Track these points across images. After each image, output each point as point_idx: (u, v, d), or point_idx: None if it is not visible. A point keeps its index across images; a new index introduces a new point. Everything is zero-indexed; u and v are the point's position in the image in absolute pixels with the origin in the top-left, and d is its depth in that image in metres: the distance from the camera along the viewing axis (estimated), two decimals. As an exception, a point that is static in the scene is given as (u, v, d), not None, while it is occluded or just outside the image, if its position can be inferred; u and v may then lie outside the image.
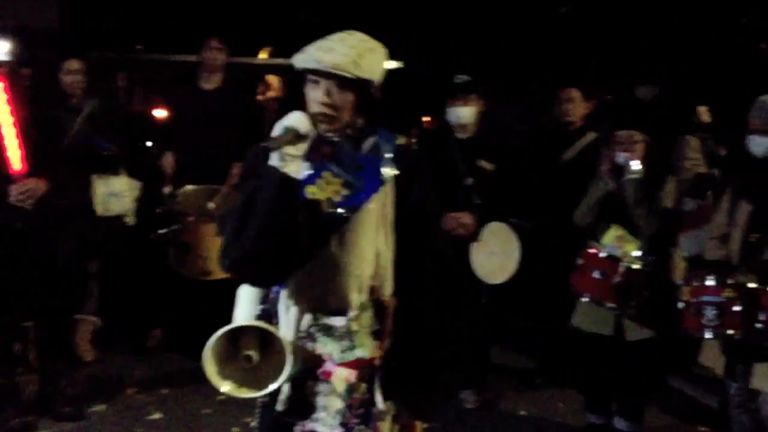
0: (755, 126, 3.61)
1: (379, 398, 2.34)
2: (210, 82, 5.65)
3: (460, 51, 7.60)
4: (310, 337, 2.32)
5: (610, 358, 4.22)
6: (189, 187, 5.23)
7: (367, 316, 2.34)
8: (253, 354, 2.23)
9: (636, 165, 4.05)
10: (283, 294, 2.34)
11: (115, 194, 5.27)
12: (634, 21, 6.52)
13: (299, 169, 2.20)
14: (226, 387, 2.23)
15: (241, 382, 2.25)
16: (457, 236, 4.67)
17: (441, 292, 2.43)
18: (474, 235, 4.69)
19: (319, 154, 2.30)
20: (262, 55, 8.00)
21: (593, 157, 4.84)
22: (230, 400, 4.60)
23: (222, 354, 2.23)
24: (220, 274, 4.79)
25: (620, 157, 4.17)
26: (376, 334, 2.35)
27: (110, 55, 7.94)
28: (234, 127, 5.46)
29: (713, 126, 5.57)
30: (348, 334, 2.32)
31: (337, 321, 2.32)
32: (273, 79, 6.66)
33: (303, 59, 2.26)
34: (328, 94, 2.24)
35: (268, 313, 2.38)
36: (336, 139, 2.32)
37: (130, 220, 5.21)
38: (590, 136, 5.09)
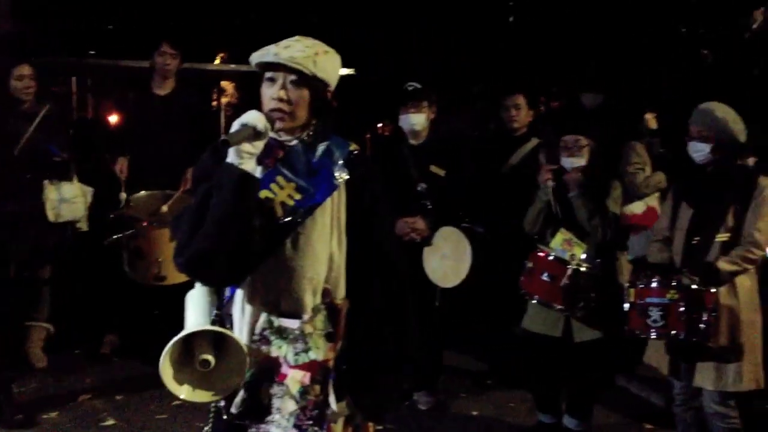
0: (694, 133, 3.72)
1: (332, 400, 2.37)
2: (162, 88, 5.63)
3: (412, 58, 7.67)
4: (265, 339, 2.34)
5: (559, 358, 4.33)
6: (142, 193, 5.20)
7: (321, 319, 2.37)
8: (210, 358, 2.23)
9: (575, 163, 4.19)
10: (238, 297, 2.36)
11: (67, 200, 5.22)
12: (580, 29, 6.67)
13: (255, 168, 2.23)
14: (182, 392, 2.23)
15: (197, 387, 2.25)
16: (409, 241, 4.73)
17: (391, 295, 2.48)
18: (426, 240, 4.75)
19: (272, 158, 2.34)
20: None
21: (537, 162, 4.98)
22: (185, 405, 4.64)
23: (178, 359, 2.23)
24: (174, 279, 4.79)
25: (566, 162, 4.29)
26: (330, 337, 2.38)
27: (62, 60, 7.83)
28: (187, 132, 5.44)
29: (660, 132, 5.70)
30: (302, 336, 2.34)
31: (291, 323, 2.34)
32: (228, 85, 6.67)
33: (260, 55, 2.30)
34: (284, 88, 2.28)
35: (221, 318, 2.39)
36: (291, 143, 2.36)
37: (83, 226, 5.17)
38: (534, 142, 5.22)
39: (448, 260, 4.70)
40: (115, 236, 4.92)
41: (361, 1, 8.09)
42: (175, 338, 2.19)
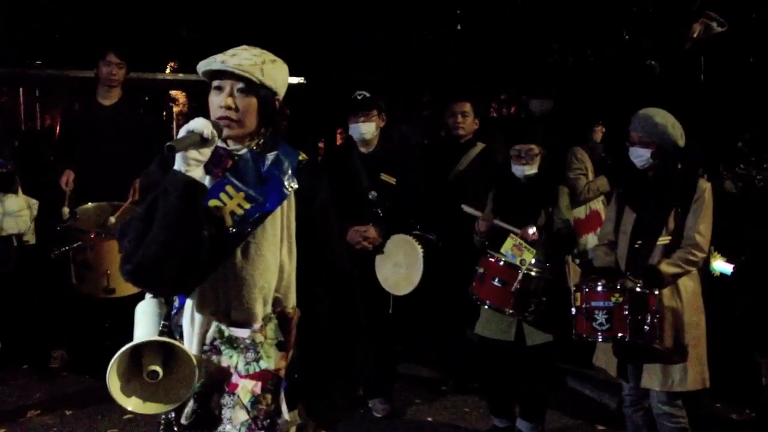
0: (635, 139, 3.79)
1: (284, 408, 2.37)
2: (108, 98, 5.56)
3: (361, 66, 7.69)
4: (215, 349, 2.34)
5: (512, 362, 4.37)
6: (89, 204, 5.13)
7: (272, 328, 2.37)
8: (158, 369, 2.21)
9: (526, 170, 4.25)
10: (187, 307, 2.34)
11: (12, 213, 5.11)
12: (529, 37, 6.75)
13: (203, 176, 2.22)
14: (130, 404, 2.20)
15: (146, 399, 2.23)
16: (361, 249, 4.73)
17: (342, 303, 2.49)
18: (378, 248, 4.76)
19: (221, 168, 2.33)
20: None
21: (483, 167, 5.03)
22: (136, 418, 4.59)
23: (126, 371, 2.21)
24: (124, 291, 4.73)
25: (517, 170, 4.34)
26: (281, 346, 2.38)
27: (8, 70, 7.69)
28: (134, 143, 5.40)
29: (605, 138, 5.80)
30: (253, 345, 2.34)
31: (242, 333, 2.33)
32: (179, 95, 6.62)
33: (207, 63, 2.30)
34: (232, 96, 2.28)
35: (170, 328, 2.38)
36: (240, 152, 2.36)
37: (29, 239, 5.07)
38: (479, 147, 5.28)
39: (400, 268, 4.71)
40: (62, 249, 4.85)
41: (309, 10, 8.09)
42: (122, 350, 2.17)
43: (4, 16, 9.18)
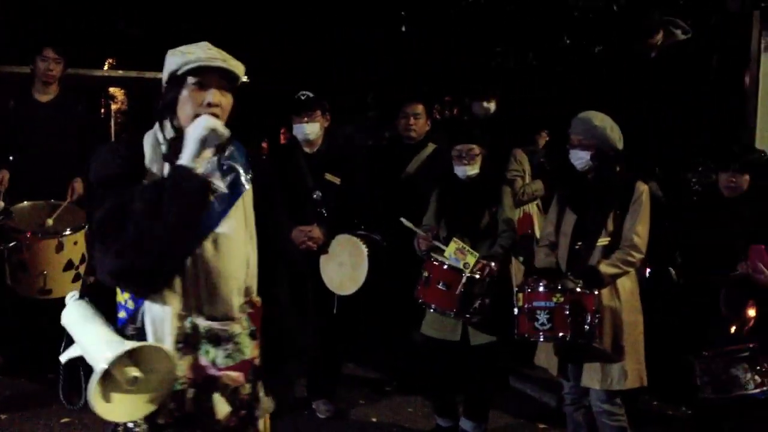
0: (575, 141, 3.85)
1: (261, 395, 2.43)
2: (45, 94, 5.43)
3: (305, 66, 7.67)
4: (188, 347, 2.31)
5: (457, 362, 4.40)
6: (25, 203, 4.99)
7: (245, 318, 2.40)
8: (138, 374, 2.15)
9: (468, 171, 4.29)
10: (151, 307, 2.27)
11: (-57, 212, 4.96)
12: (473, 39, 6.82)
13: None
14: (123, 416, 2.18)
15: (128, 405, 2.17)
16: (306, 249, 4.71)
17: (294, 289, 2.59)
18: (323, 248, 4.75)
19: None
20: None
21: (434, 168, 5.06)
22: (73, 422, 4.50)
23: (101, 384, 2.12)
24: (60, 292, 4.61)
25: (459, 170, 4.37)
26: (253, 334, 2.42)
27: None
28: (72, 140, 5.28)
29: (547, 144, 5.87)
30: (231, 337, 2.36)
31: (222, 326, 2.35)
32: (116, 92, 6.49)
33: (193, 60, 2.25)
34: (217, 95, 2.28)
35: (141, 331, 2.30)
36: None
37: (-39, 238, 4.92)
38: (430, 148, 5.30)
39: (345, 268, 4.70)
40: (-3, 248, 4.72)
41: (252, 7, 8.03)
42: (102, 366, 2.07)
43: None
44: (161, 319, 2.28)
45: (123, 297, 2.31)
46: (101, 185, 2.25)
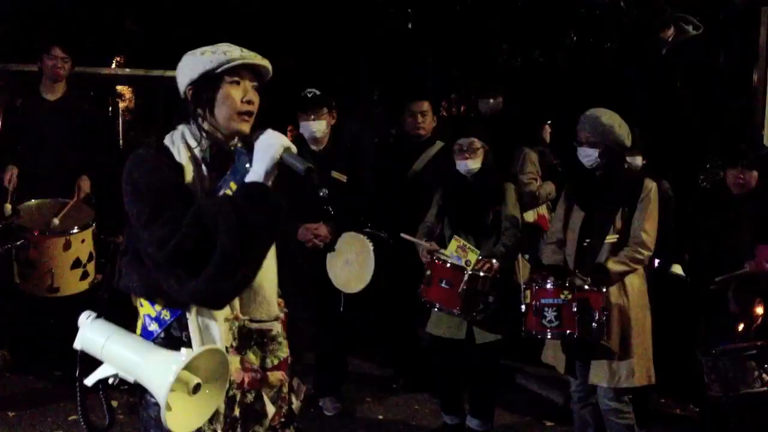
0: (583, 138, 3.84)
1: (296, 390, 2.52)
2: (53, 92, 5.43)
3: (310, 64, 7.67)
4: (237, 349, 2.31)
5: (462, 360, 4.40)
6: (32, 201, 5.01)
7: (281, 319, 2.44)
8: (199, 381, 2.10)
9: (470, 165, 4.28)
10: (197, 314, 2.23)
11: (-49, 210, 4.98)
12: (480, 37, 6.81)
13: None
14: (193, 424, 2.13)
15: (191, 414, 2.13)
16: (313, 247, 4.71)
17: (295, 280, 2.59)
18: (329, 246, 4.74)
19: (227, 165, 2.33)
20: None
21: (442, 166, 5.06)
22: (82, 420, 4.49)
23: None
24: (67, 290, 4.64)
25: (461, 165, 4.36)
26: (284, 335, 2.47)
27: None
28: (79, 139, 5.29)
29: (553, 140, 5.85)
30: (276, 336, 2.41)
31: (270, 326, 2.39)
32: (124, 90, 6.49)
33: (235, 58, 2.27)
34: (252, 92, 2.31)
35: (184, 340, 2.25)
36: (232, 148, 2.36)
37: (-32, 236, 4.93)
38: (438, 146, 5.30)
39: (351, 266, 4.70)
40: (4, 247, 4.73)
41: (258, 6, 8.03)
42: (169, 381, 2.00)
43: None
44: (208, 325, 2.24)
45: (154, 309, 2.25)
46: (155, 194, 2.15)
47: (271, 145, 2.19)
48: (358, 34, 7.60)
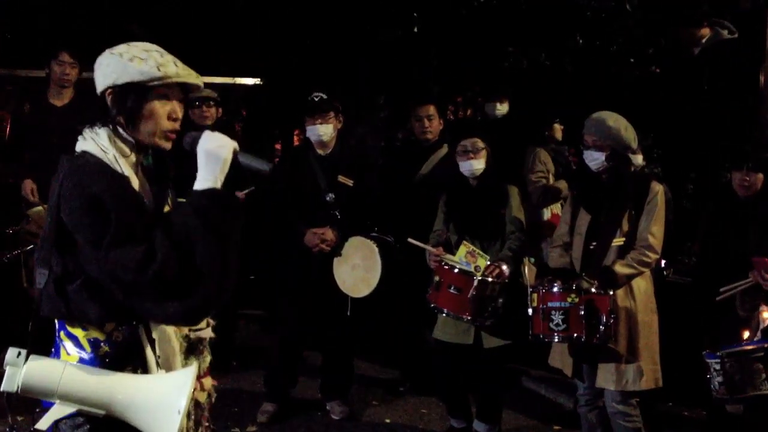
0: (589, 142, 3.83)
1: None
2: (60, 98, 5.46)
3: (316, 68, 7.68)
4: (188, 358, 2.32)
5: (469, 364, 4.40)
6: (40, 207, 5.03)
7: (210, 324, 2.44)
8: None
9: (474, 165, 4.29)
10: (159, 329, 2.17)
11: (-41, 215, 5.01)
12: (487, 40, 6.80)
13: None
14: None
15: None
16: (319, 251, 4.72)
17: None
18: (336, 250, 4.75)
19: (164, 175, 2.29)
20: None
21: (449, 169, 5.06)
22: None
23: None
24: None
25: (464, 165, 4.36)
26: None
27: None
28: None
29: (569, 138, 5.83)
30: (206, 343, 2.40)
31: (206, 333, 2.38)
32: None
33: (171, 74, 2.11)
34: (179, 108, 2.18)
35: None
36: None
37: (-23, 241, 4.97)
38: (445, 149, 5.30)
39: (358, 270, 4.70)
40: (14, 252, 4.75)
41: (265, 10, 8.04)
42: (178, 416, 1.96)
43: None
44: (167, 339, 2.20)
45: (102, 333, 2.09)
46: (122, 211, 1.99)
47: (220, 147, 2.09)
48: (363, 37, 7.61)
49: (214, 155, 2.08)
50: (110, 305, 2.03)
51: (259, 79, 8.17)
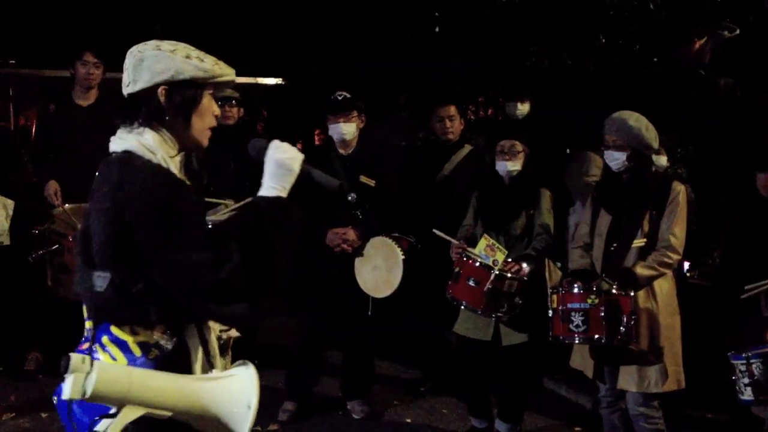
0: (610, 142, 3.80)
1: None
2: (85, 98, 5.51)
3: (339, 66, 7.70)
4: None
5: (489, 362, 4.39)
6: (66, 206, 5.09)
7: None
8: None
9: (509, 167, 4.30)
10: (204, 330, 2.18)
11: (-13, 214, 5.08)
12: (509, 41, 6.78)
13: None
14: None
15: None
16: (341, 252, 4.74)
17: None
18: (358, 251, 4.76)
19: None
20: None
21: (470, 169, 5.05)
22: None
23: None
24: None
25: (501, 165, 4.36)
26: None
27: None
28: (111, 144, 5.36)
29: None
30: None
31: (234, 333, 2.36)
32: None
33: (221, 73, 2.15)
34: (215, 106, 2.21)
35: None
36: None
37: (4, 240, 5.03)
38: (467, 149, 5.30)
39: (379, 271, 4.71)
40: (39, 252, 4.81)
41: (287, 9, 8.08)
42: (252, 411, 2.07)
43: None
44: (212, 340, 2.21)
45: (152, 336, 2.06)
46: (192, 215, 2.02)
47: (292, 159, 2.14)
48: (385, 37, 7.62)
49: (287, 166, 2.13)
50: (171, 308, 2.04)
51: (281, 79, 8.21)
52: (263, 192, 2.12)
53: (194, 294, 1.99)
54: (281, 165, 2.13)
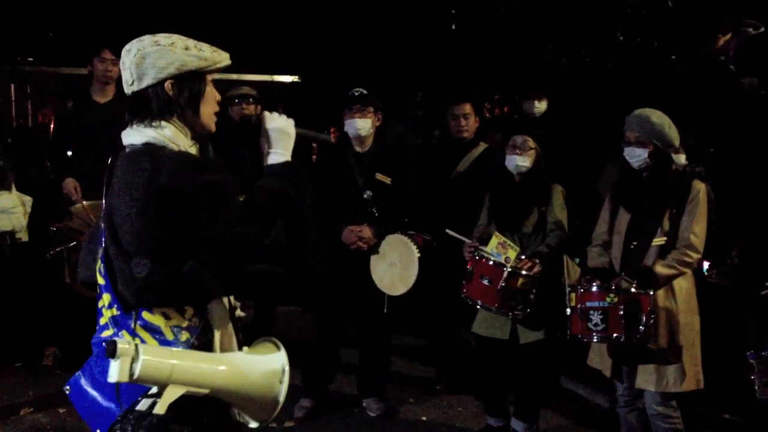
0: (631, 138, 3.77)
1: None
2: (103, 95, 5.54)
3: (355, 64, 7.70)
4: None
5: (507, 361, 4.38)
6: (84, 203, 5.11)
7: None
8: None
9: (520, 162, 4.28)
10: (221, 307, 2.21)
11: (5, 210, 5.11)
12: (523, 39, 6.77)
13: None
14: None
15: None
16: (357, 249, 4.73)
17: None
18: (373, 248, 4.76)
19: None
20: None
21: (485, 167, 5.04)
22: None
23: None
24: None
25: (511, 160, 4.35)
26: None
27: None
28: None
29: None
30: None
31: (245, 313, 2.40)
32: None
33: (220, 60, 2.21)
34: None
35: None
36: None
37: (22, 236, 5.06)
38: (482, 147, 5.28)
39: (395, 268, 4.70)
40: (57, 249, 4.83)
41: (303, 7, 8.09)
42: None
43: (-3, 13, 9.13)
44: (223, 317, 2.22)
45: (182, 319, 2.12)
46: (225, 193, 2.07)
47: (288, 126, 2.30)
48: (400, 35, 7.61)
49: (285, 132, 2.30)
50: (202, 290, 2.10)
51: (296, 77, 8.22)
52: (271, 160, 2.27)
53: (246, 261, 2.09)
54: (280, 131, 2.29)
